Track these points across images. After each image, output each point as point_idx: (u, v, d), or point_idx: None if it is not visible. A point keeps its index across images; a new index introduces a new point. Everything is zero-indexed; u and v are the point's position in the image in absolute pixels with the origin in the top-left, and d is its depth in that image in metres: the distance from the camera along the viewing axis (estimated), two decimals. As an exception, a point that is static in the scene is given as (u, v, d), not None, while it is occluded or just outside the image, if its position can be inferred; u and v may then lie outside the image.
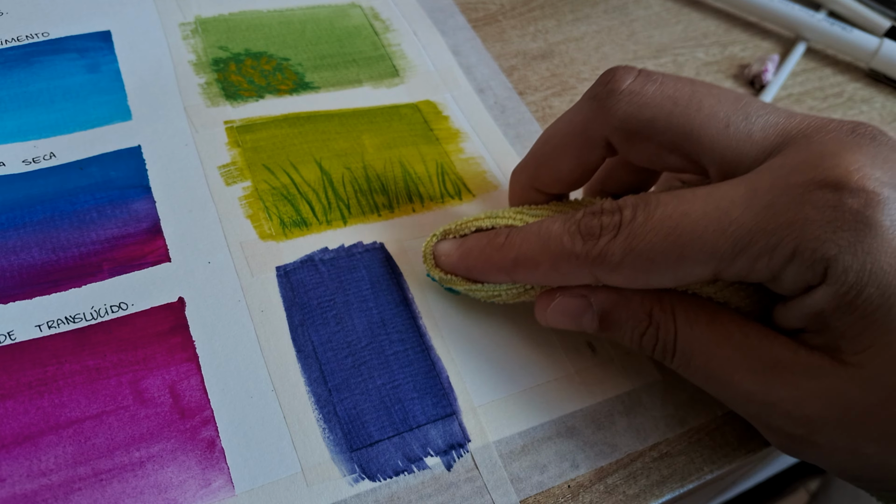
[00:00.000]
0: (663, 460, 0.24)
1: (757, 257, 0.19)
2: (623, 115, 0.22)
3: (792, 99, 0.37)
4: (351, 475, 0.22)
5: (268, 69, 0.33)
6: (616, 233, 0.20)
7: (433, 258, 0.25)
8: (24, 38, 0.32)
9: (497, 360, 0.25)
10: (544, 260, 0.22)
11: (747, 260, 0.19)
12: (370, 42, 0.35)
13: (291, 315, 0.25)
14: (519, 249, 0.23)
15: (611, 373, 0.25)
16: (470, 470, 0.23)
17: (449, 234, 0.25)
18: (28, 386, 0.22)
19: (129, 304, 0.24)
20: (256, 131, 0.30)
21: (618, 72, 0.22)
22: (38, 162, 0.28)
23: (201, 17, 0.34)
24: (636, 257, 0.20)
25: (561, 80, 0.36)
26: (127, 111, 0.30)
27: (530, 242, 0.22)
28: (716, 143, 0.21)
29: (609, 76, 0.22)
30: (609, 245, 0.20)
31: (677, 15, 0.41)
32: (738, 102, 0.21)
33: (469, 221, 0.25)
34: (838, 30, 0.39)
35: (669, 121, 0.21)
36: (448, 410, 0.24)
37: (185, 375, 0.23)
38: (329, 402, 0.23)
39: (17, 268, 0.25)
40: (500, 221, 0.24)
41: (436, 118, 0.32)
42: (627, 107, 0.22)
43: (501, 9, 0.39)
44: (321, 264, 0.26)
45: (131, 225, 0.26)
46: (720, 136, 0.21)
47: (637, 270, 0.20)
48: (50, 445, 0.21)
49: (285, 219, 0.27)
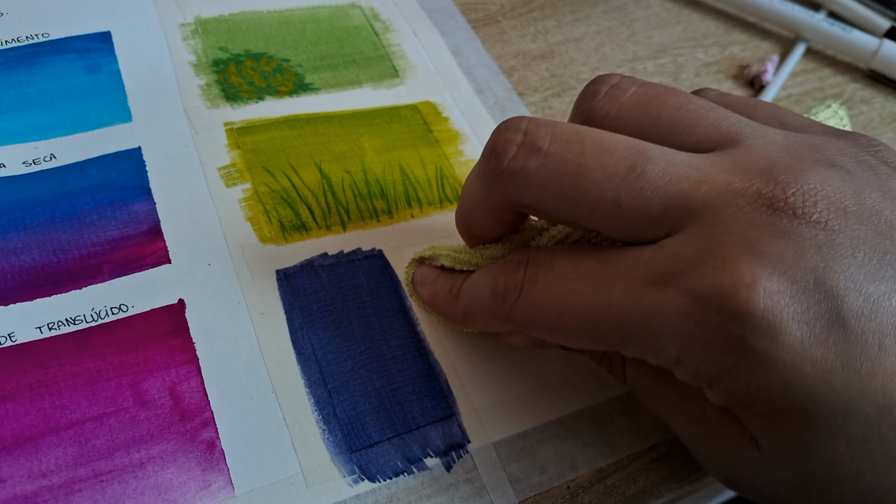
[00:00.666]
0: (663, 461, 0.24)
1: (645, 353, 0.18)
2: (510, 198, 0.20)
3: (792, 99, 0.37)
4: (350, 476, 0.22)
5: (268, 70, 0.33)
6: (518, 295, 0.20)
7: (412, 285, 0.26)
8: (24, 38, 0.32)
9: (496, 364, 0.25)
10: (479, 315, 0.22)
11: (637, 351, 0.18)
12: (370, 42, 0.35)
13: (291, 318, 0.25)
14: (464, 302, 0.23)
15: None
16: (469, 471, 0.23)
17: (425, 261, 0.25)
18: (28, 387, 0.22)
19: (130, 306, 0.24)
20: (256, 133, 0.30)
21: (500, 140, 0.20)
22: (39, 163, 0.28)
23: (201, 17, 0.34)
24: (536, 324, 0.20)
25: (561, 80, 0.36)
26: (127, 112, 0.30)
27: (470, 297, 0.22)
28: (609, 222, 0.18)
29: (492, 145, 0.20)
30: (513, 307, 0.20)
31: (677, 15, 0.41)
32: (630, 173, 0.18)
33: (437, 255, 0.24)
34: (838, 30, 0.39)
35: (555, 204, 0.19)
36: (447, 412, 0.24)
37: (186, 377, 0.23)
38: (329, 404, 0.23)
39: (17, 269, 0.25)
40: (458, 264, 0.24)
41: (435, 119, 0.32)
42: (513, 188, 0.20)
43: (501, 9, 0.39)
44: (321, 269, 0.26)
45: (131, 226, 0.26)
46: (612, 216, 0.18)
47: (542, 334, 0.20)
48: (50, 447, 0.21)
49: (285, 222, 0.27)
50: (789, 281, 0.16)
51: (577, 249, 0.20)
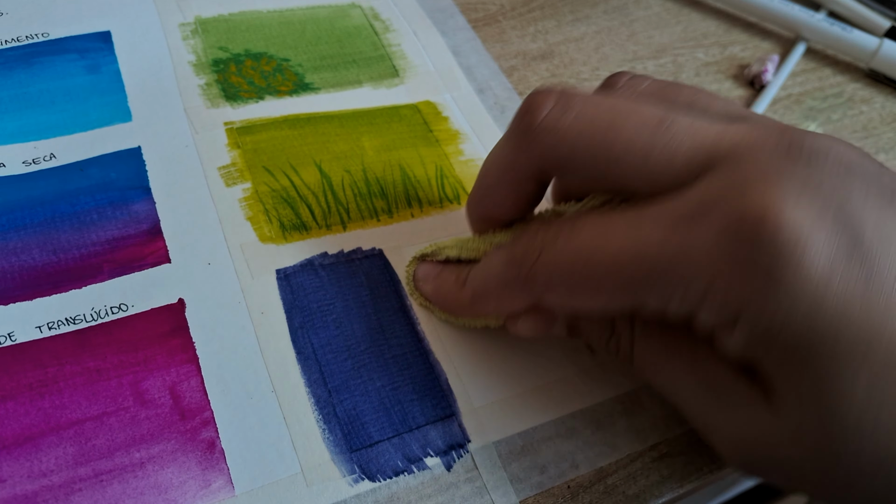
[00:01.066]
0: (663, 460, 0.24)
1: (670, 297, 0.18)
2: (541, 153, 0.21)
3: (792, 99, 0.37)
4: (351, 475, 0.22)
5: (268, 70, 0.33)
6: (538, 256, 0.20)
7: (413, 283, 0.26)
8: (24, 38, 0.32)
9: (496, 363, 0.25)
10: (491, 292, 0.22)
11: (660, 298, 0.19)
12: (370, 42, 0.35)
13: (291, 317, 0.25)
14: (473, 286, 0.23)
15: (610, 373, 0.25)
16: (470, 470, 0.23)
17: (427, 258, 0.25)
18: (29, 387, 0.22)
19: (130, 306, 0.24)
20: (256, 133, 0.30)
21: (534, 101, 0.21)
22: (39, 163, 0.28)
23: (201, 17, 0.34)
24: (558, 282, 0.20)
25: (561, 80, 0.36)
26: (127, 112, 0.30)
27: (480, 278, 0.23)
28: (638, 171, 0.19)
29: (526, 107, 0.21)
30: (533, 268, 0.20)
31: (677, 15, 0.41)
32: (661, 123, 0.19)
33: (442, 248, 0.25)
34: (838, 30, 0.39)
35: (588, 153, 0.20)
36: (448, 412, 0.24)
37: (186, 376, 0.23)
38: (329, 404, 0.23)
39: (17, 269, 0.25)
40: (466, 252, 0.24)
41: (435, 119, 0.32)
42: (545, 143, 0.21)
43: (501, 9, 0.39)
44: (321, 269, 0.26)
45: (131, 226, 0.26)
46: (641, 163, 0.19)
47: (561, 295, 0.20)
48: (50, 446, 0.21)
49: (285, 222, 0.27)
50: (813, 211, 0.17)
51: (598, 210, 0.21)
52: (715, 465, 0.24)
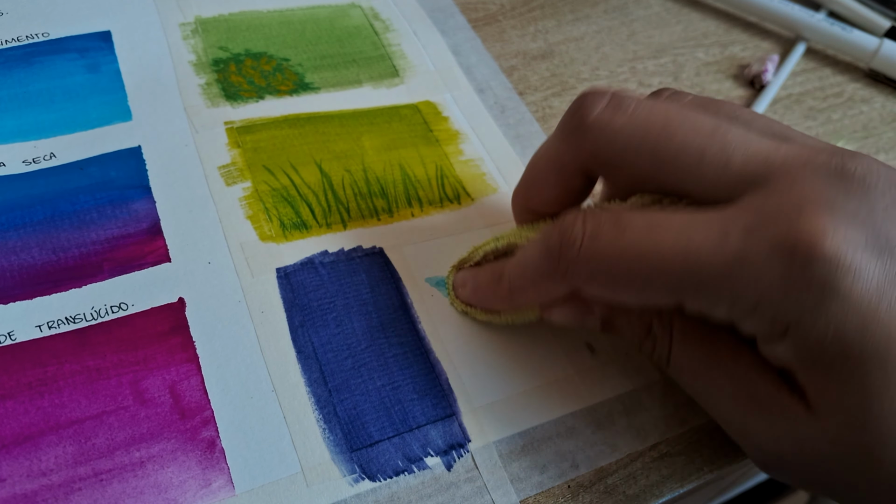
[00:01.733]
0: (663, 460, 0.24)
1: (718, 302, 0.19)
2: (592, 149, 0.21)
3: (792, 99, 0.37)
4: (351, 475, 0.22)
5: (268, 69, 0.33)
6: (579, 249, 0.20)
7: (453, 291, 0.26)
8: (24, 38, 0.32)
9: (496, 363, 0.25)
10: (528, 282, 0.22)
11: (709, 302, 0.19)
12: (370, 42, 0.35)
13: (292, 316, 0.25)
14: (510, 278, 0.23)
15: (611, 373, 0.25)
16: (470, 470, 0.23)
17: (465, 264, 0.26)
18: (28, 386, 0.22)
19: (130, 305, 0.24)
20: (256, 132, 0.30)
21: (587, 100, 0.22)
22: (39, 162, 0.28)
23: (201, 17, 0.34)
24: (601, 273, 0.20)
25: (561, 80, 0.36)
26: (127, 111, 0.30)
27: (518, 269, 0.23)
28: (691, 171, 0.20)
29: (578, 104, 0.22)
30: (574, 261, 0.20)
31: (677, 15, 0.41)
32: (715, 132, 0.20)
33: (479, 247, 0.25)
34: (838, 30, 0.39)
35: (641, 151, 0.20)
36: (448, 411, 0.24)
37: (186, 376, 0.23)
38: (329, 403, 0.23)
39: (17, 268, 0.25)
40: (502, 240, 0.24)
41: (435, 119, 0.32)
42: (596, 140, 0.21)
43: (501, 9, 0.39)
44: (321, 267, 0.26)
45: (131, 225, 0.26)
46: (693, 168, 0.20)
47: (603, 286, 0.20)
48: (50, 445, 0.21)
49: (285, 221, 0.27)
50: (865, 233, 0.18)
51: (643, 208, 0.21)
52: (715, 465, 0.24)
